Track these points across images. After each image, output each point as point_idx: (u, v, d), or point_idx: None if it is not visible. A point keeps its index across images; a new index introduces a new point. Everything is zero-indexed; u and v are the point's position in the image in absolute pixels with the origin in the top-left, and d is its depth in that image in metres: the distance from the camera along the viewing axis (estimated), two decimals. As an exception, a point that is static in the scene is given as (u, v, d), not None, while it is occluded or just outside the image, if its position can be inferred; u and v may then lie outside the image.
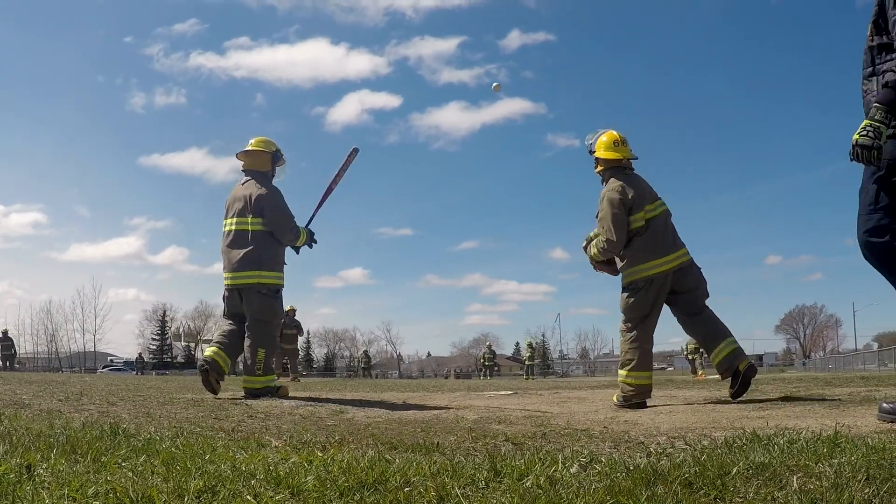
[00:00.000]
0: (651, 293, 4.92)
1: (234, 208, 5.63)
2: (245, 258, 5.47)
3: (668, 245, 5.00)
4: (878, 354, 37.39)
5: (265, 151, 5.79)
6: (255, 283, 5.48)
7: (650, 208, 5.02)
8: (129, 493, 1.65)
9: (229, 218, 5.66)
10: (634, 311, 4.95)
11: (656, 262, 4.91)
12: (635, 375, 4.84)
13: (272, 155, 5.82)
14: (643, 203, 5.00)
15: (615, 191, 5.01)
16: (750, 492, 1.66)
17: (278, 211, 5.57)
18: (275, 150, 5.84)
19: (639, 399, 4.85)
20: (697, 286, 5.07)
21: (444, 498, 1.66)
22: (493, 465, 1.98)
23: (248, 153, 5.79)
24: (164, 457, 2.20)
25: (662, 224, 5.04)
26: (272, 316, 5.56)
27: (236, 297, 5.58)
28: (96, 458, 2.18)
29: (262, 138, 5.86)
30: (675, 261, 4.97)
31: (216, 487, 1.74)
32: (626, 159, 5.20)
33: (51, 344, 64.26)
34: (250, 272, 5.48)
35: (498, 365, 39.79)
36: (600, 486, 1.72)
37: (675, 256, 4.99)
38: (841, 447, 2.16)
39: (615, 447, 2.67)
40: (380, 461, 2.11)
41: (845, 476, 1.72)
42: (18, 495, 1.63)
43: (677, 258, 4.99)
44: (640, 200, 5.00)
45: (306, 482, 1.79)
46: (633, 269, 4.98)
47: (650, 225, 4.98)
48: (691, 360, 23.05)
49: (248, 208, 5.53)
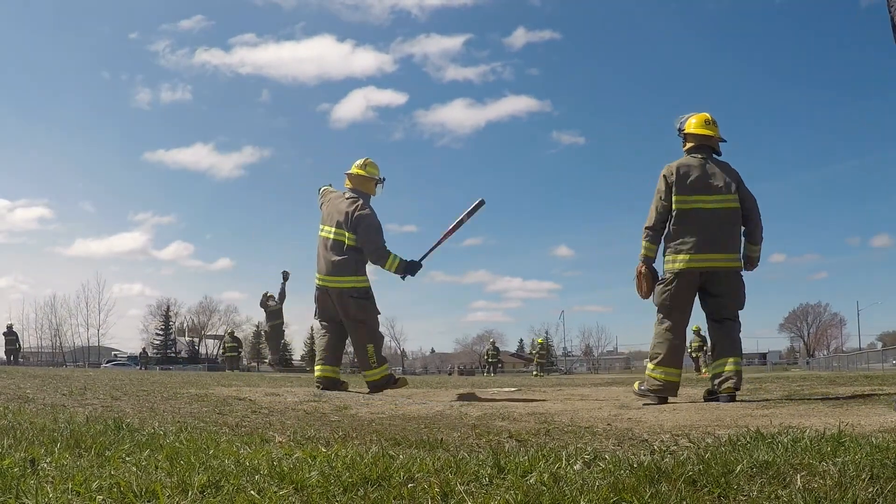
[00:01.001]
0: (679, 287, 4.72)
1: (334, 218, 6.10)
2: (340, 264, 5.97)
3: (710, 243, 4.69)
4: (882, 353, 37.34)
5: (371, 178, 6.25)
6: (348, 288, 5.96)
7: (705, 199, 4.71)
8: (133, 488, 1.66)
9: (329, 226, 6.12)
10: (662, 302, 4.79)
11: (686, 258, 4.68)
12: (663, 370, 4.73)
13: (376, 180, 6.30)
14: (696, 188, 4.70)
15: (666, 167, 4.81)
16: (754, 490, 1.66)
17: (371, 232, 6.01)
18: (380, 178, 6.33)
19: (663, 395, 4.72)
20: (728, 295, 4.81)
21: (447, 494, 1.66)
22: (497, 462, 1.98)
23: (357, 176, 6.24)
24: (168, 451, 2.21)
25: (717, 219, 4.72)
26: (367, 315, 6.01)
27: (327, 298, 6.05)
28: (100, 452, 2.19)
29: (369, 161, 6.29)
30: (709, 262, 4.70)
31: (220, 482, 1.74)
32: (714, 139, 4.92)
33: (55, 338, 64.45)
34: (343, 277, 5.96)
35: (501, 362, 39.74)
36: (604, 483, 1.71)
37: (712, 258, 4.71)
38: (845, 446, 2.15)
39: (619, 444, 2.67)
40: (383, 457, 2.11)
41: (849, 475, 1.72)
42: (22, 489, 1.64)
43: (713, 260, 4.71)
44: (694, 183, 4.70)
45: (310, 477, 1.79)
46: (665, 258, 4.80)
47: (699, 215, 4.69)
48: (695, 357, 23.05)
49: (347, 223, 6.00)
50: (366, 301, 6.00)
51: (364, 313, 5.98)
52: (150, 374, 14.92)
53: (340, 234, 6.02)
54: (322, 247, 6.12)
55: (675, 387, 4.79)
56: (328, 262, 6.01)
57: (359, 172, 6.23)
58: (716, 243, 4.72)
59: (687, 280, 4.72)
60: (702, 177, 4.75)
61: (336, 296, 5.98)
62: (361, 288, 5.99)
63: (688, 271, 4.70)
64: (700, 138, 4.94)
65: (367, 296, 6.02)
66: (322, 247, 6.12)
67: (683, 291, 4.75)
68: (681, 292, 4.75)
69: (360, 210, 6.01)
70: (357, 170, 6.25)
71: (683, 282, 4.73)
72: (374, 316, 6.07)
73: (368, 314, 6.01)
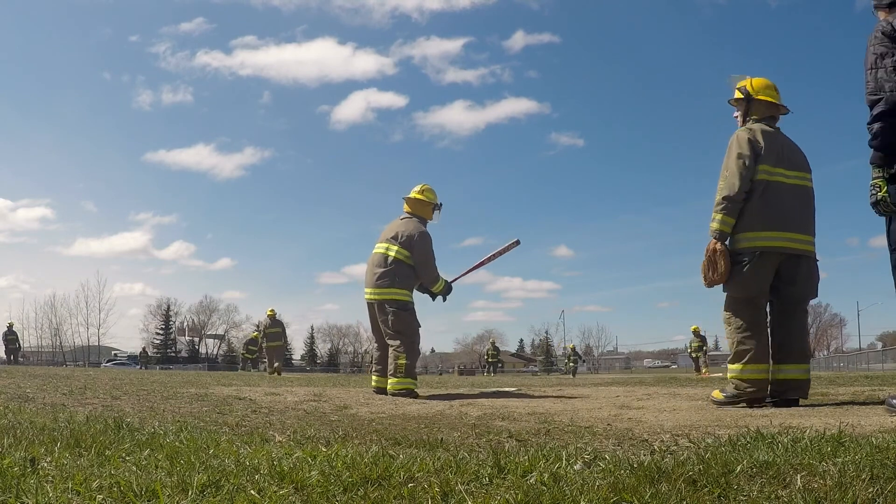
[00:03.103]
0: (761, 268, 4.17)
1: (386, 236, 6.25)
2: (381, 276, 6.06)
3: (795, 222, 4.20)
4: (882, 354, 37.30)
5: (429, 203, 6.41)
6: (388, 299, 6.02)
7: (788, 172, 4.23)
8: (133, 487, 1.66)
9: (380, 243, 6.26)
10: (740, 288, 4.21)
11: (774, 235, 4.14)
12: (754, 368, 4.15)
13: (434, 205, 6.46)
14: (782, 159, 4.22)
15: (746, 130, 4.25)
16: (754, 490, 1.66)
17: (426, 254, 6.15)
18: (437, 203, 6.49)
19: (755, 396, 4.17)
20: (804, 282, 4.28)
21: (447, 494, 1.66)
22: (497, 462, 1.98)
23: (415, 200, 6.40)
24: (168, 451, 2.20)
25: (797, 197, 4.23)
26: (405, 327, 6.02)
27: (372, 311, 6.15)
28: (100, 451, 2.19)
29: (427, 187, 6.46)
30: (796, 243, 4.19)
31: (220, 482, 1.74)
32: (783, 110, 4.43)
33: (55, 338, 64.50)
34: (382, 289, 6.05)
35: (502, 361, 39.76)
36: (604, 483, 1.71)
37: (799, 238, 4.21)
38: (845, 446, 2.15)
39: (619, 444, 2.66)
40: (384, 457, 2.11)
41: (849, 475, 1.72)
42: (23, 488, 1.64)
43: (800, 241, 4.21)
44: (780, 154, 4.22)
45: (310, 477, 1.79)
46: (742, 234, 4.20)
47: (780, 189, 4.19)
48: (695, 357, 23.06)
49: (398, 239, 6.13)
50: (404, 313, 6.04)
51: (402, 325, 6.00)
52: (150, 373, 14.92)
53: (388, 248, 6.12)
54: (370, 262, 6.24)
55: (765, 384, 4.21)
56: (372, 274, 6.12)
57: (416, 196, 6.39)
58: (803, 224, 4.26)
59: (772, 261, 4.20)
60: (785, 149, 4.28)
61: (378, 307, 6.07)
62: (401, 301, 6.04)
63: (775, 250, 4.19)
64: (770, 107, 4.42)
65: (405, 308, 6.06)
66: (370, 262, 6.24)
67: (768, 272, 4.22)
68: (766, 275, 4.22)
69: (417, 231, 6.15)
70: (415, 194, 6.41)
71: (769, 262, 4.20)
72: (412, 329, 6.07)
73: (407, 326, 6.02)
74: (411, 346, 6.01)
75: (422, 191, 6.42)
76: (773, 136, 4.29)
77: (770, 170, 4.19)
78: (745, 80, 4.51)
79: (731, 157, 4.23)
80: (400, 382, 5.86)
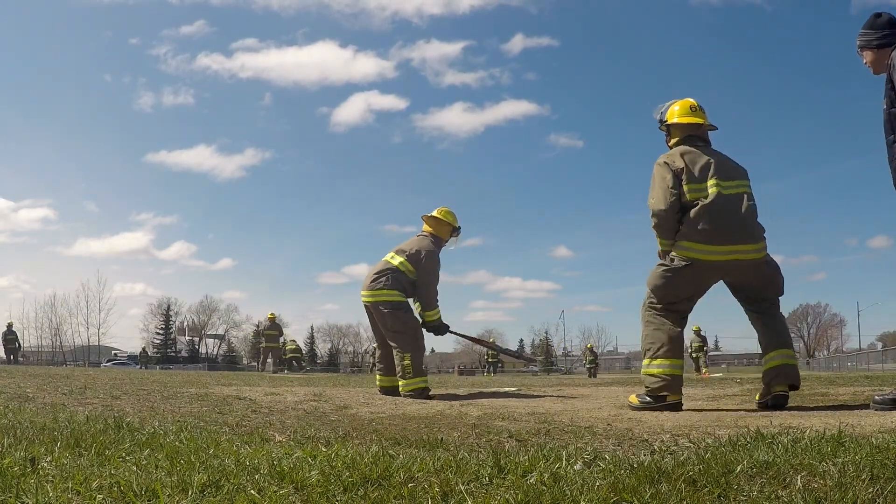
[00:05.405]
0: (688, 277, 4.24)
1: (396, 248, 6.25)
2: (376, 279, 6.04)
3: (727, 234, 4.21)
4: (882, 354, 37.32)
5: (447, 224, 6.36)
6: (382, 300, 5.98)
7: (724, 183, 4.25)
8: (133, 487, 1.66)
9: (389, 253, 6.24)
10: (662, 291, 4.32)
11: (704, 248, 4.19)
12: (659, 363, 4.22)
13: (453, 228, 6.40)
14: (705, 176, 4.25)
15: (665, 155, 4.38)
16: (754, 490, 1.66)
17: (429, 274, 6.11)
18: (457, 226, 6.43)
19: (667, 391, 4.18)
20: (764, 284, 4.38)
21: (447, 494, 1.66)
22: (497, 462, 1.98)
23: (433, 219, 6.37)
24: (168, 451, 2.21)
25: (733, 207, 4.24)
26: (402, 325, 5.98)
27: (370, 312, 6.13)
28: (100, 451, 2.19)
29: (447, 210, 6.42)
30: (738, 254, 4.22)
31: (220, 482, 1.74)
32: (704, 127, 4.51)
33: (55, 338, 64.43)
34: (376, 290, 6.01)
35: (502, 362, 39.78)
36: (604, 483, 1.71)
37: (741, 249, 4.22)
38: (845, 446, 2.15)
39: (619, 444, 2.66)
40: (384, 457, 2.11)
41: (849, 475, 1.72)
42: (23, 488, 1.64)
43: (743, 252, 4.23)
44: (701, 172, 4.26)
45: (310, 477, 1.79)
46: (680, 241, 4.25)
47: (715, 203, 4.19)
48: (695, 358, 23.05)
49: (406, 252, 6.10)
50: (399, 311, 6.01)
51: (400, 324, 5.97)
52: (150, 373, 14.91)
53: (394, 257, 6.12)
54: (370, 268, 6.25)
55: (678, 381, 4.24)
56: (369, 277, 6.11)
57: (436, 216, 6.39)
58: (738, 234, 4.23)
59: (704, 272, 4.26)
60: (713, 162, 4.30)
61: (373, 308, 6.06)
62: (395, 301, 6.00)
63: (706, 263, 4.22)
64: (687, 128, 4.48)
65: (400, 307, 6.04)
66: (370, 268, 6.25)
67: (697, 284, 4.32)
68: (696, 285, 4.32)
69: (427, 248, 6.13)
70: (435, 213, 6.41)
71: (699, 273, 4.25)
72: (411, 326, 6.04)
73: (404, 324, 6.00)
74: (413, 343, 5.98)
75: (442, 212, 6.41)
76: (696, 154, 4.36)
77: (697, 186, 4.26)
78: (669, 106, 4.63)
79: (653, 185, 4.36)
80: (410, 384, 5.81)
